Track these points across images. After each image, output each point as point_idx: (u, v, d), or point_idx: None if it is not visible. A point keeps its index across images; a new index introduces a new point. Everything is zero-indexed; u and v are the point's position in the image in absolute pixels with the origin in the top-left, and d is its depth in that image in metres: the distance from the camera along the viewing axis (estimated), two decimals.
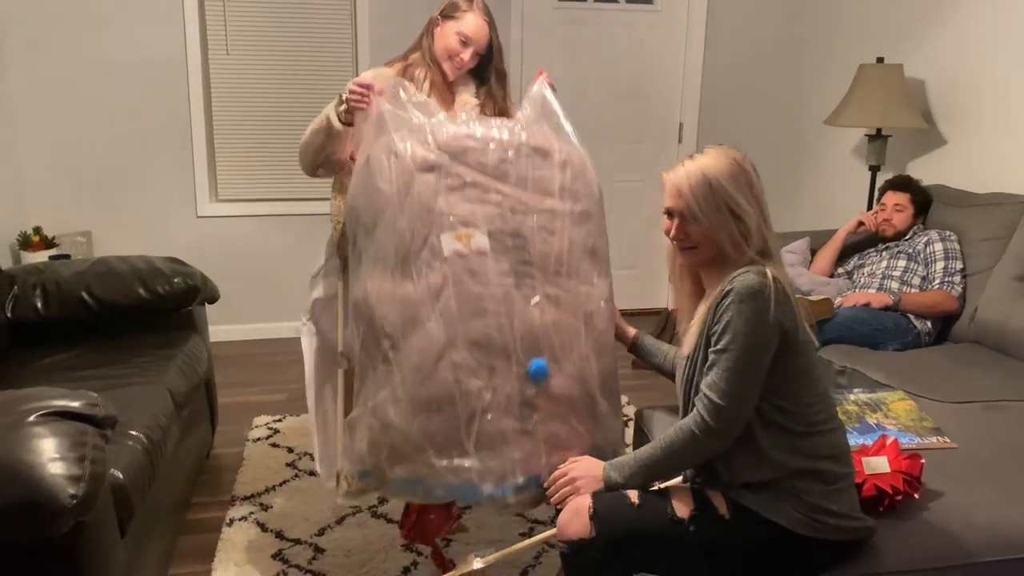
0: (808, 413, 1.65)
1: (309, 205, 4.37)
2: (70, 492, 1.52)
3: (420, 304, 1.84)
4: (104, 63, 3.97)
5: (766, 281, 1.60)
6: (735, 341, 1.60)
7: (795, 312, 1.64)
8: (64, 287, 2.82)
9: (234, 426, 3.32)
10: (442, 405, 1.81)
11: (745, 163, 1.78)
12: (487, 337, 1.85)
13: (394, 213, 1.90)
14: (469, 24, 2.40)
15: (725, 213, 1.69)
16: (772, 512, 1.62)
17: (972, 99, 3.54)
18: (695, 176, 1.71)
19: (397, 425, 1.81)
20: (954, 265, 3.14)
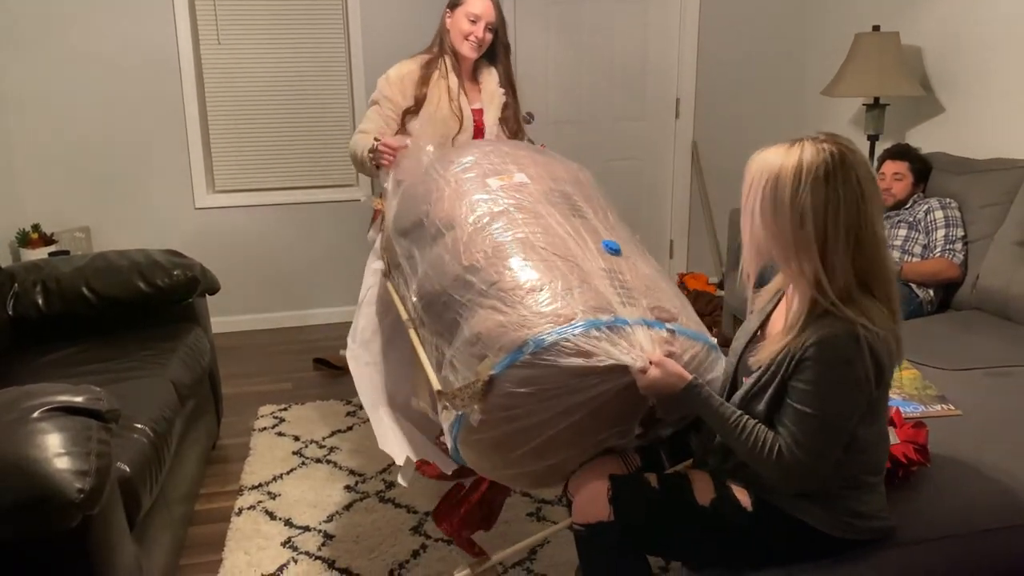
0: (872, 434, 1.57)
1: (306, 193, 4.37)
2: (77, 487, 1.53)
3: (488, 222, 1.86)
4: (96, 57, 3.95)
5: (859, 346, 1.42)
6: (824, 406, 1.46)
7: (886, 365, 1.47)
8: (64, 283, 2.82)
9: (239, 417, 3.32)
10: (542, 285, 1.69)
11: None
12: (552, 232, 1.84)
13: (441, 193, 2.01)
14: (476, 3, 2.67)
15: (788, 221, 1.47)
16: (799, 511, 1.58)
17: (969, 65, 3.51)
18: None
19: (504, 314, 1.67)
20: (955, 232, 3.12)
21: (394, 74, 2.75)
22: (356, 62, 4.22)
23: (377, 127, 2.73)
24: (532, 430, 1.65)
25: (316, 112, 4.29)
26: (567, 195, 2.05)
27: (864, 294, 1.48)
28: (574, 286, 1.69)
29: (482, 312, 1.69)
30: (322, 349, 4.05)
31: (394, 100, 2.74)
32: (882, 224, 1.50)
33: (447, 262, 1.84)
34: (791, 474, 1.52)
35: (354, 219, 4.42)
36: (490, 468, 1.78)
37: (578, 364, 1.56)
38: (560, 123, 4.56)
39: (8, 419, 1.60)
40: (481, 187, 2.00)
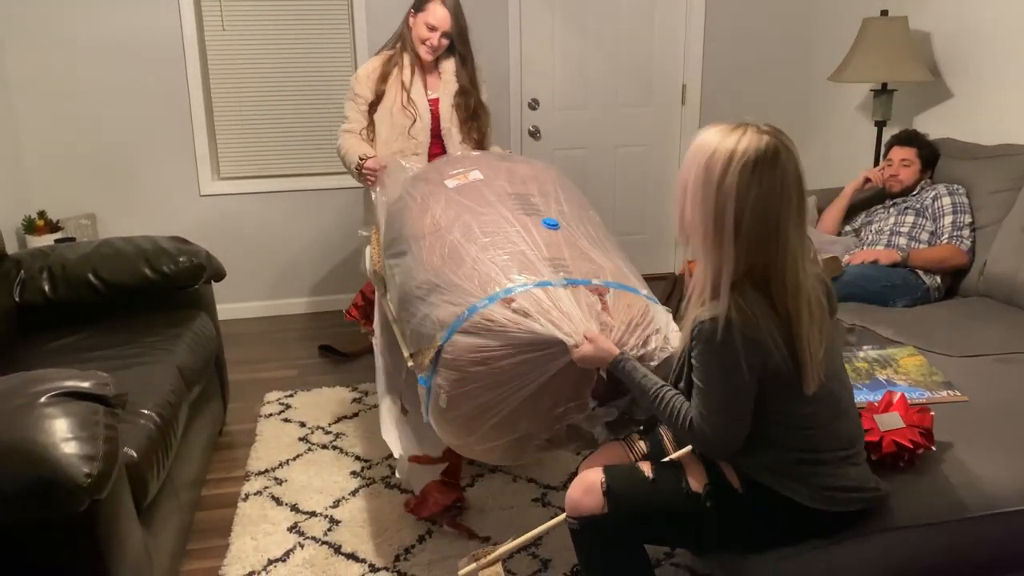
0: (805, 416, 1.58)
1: (311, 180, 4.36)
2: (85, 471, 1.53)
3: (445, 227, 2.17)
4: (101, 44, 3.94)
5: (729, 332, 1.47)
6: (710, 385, 1.54)
7: (768, 349, 1.49)
8: (70, 270, 2.83)
9: (246, 403, 3.34)
10: (487, 272, 2.00)
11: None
12: (500, 226, 2.12)
13: (410, 212, 2.33)
14: (435, 14, 2.96)
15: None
16: (783, 488, 1.60)
17: (979, 50, 3.49)
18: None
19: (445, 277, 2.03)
20: (963, 219, 3.11)
21: (362, 72, 3.08)
22: (360, 49, 4.21)
23: (357, 121, 3.09)
24: (492, 407, 1.85)
25: (321, 98, 4.28)
26: (521, 193, 2.28)
27: (757, 291, 1.50)
28: (512, 265, 1.98)
29: (442, 305, 1.97)
30: (328, 336, 4.06)
31: (363, 95, 3.07)
32: (798, 236, 1.50)
33: (414, 269, 2.14)
34: (704, 443, 1.61)
35: (359, 206, 4.42)
36: (465, 445, 1.97)
37: (515, 328, 1.81)
38: (566, 110, 4.55)
39: (16, 404, 1.61)
40: (441, 193, 2.30)
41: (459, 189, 2.30)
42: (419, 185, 2.41)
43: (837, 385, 1.64)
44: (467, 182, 2.32)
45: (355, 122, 3.09)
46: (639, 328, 1.89)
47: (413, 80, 3.04)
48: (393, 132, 3.05)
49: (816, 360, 1.52)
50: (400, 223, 2.33)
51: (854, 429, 1.67)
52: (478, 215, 2.16)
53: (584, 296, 1.90)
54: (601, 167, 4.63)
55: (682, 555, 2.28)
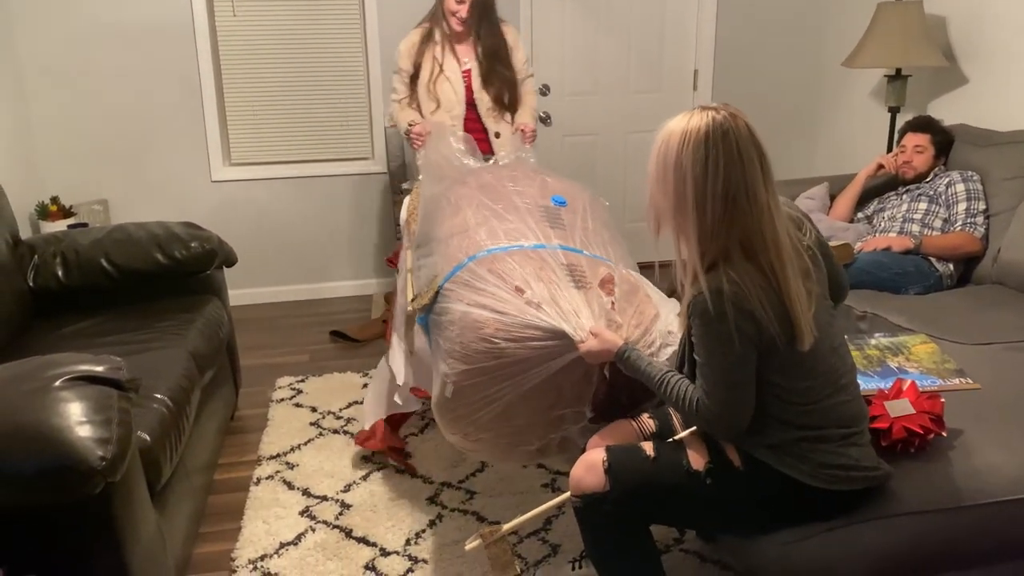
0: (803, 391, 1.60)
1: (323, 166, 4.37)
2: (99, 454, 1.55)
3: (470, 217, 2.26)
4: (113, 29, 3.94)
5: (722, 301, 1.50)
6: (711, 359, 1.56)
7: (760, 318, 1.51)
8: (83, 255, 2.85)
9: (257, 387, 3.36)
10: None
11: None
12: (523, 224, 2.19)
13: (443, 213, 2.37)
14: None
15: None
16: (783, 466, 1.61)
17: (995, 35, 3.45)
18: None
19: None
20: (976, 206, 3.09)
21: (403, 46, 3.30)
22: (371, 34, 4.20)
23: (401, 92, 3.32)
24: (495, 398, 1.88)
25: (332, 84, 4.27)
26: (551, 207, 2.32)
27: (746, 259, 1.53)
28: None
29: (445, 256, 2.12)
30: (338, 321, 4.07)
31: (405, 68, 3.30)
32: (767, 192, 1.54)
33: (437, 259, 2.19)
34: (711, 423, 1.61)
35: (371, 191, 4.42)
36: (461, 435, 2.00)
37: (524, 317, 1.85)
38: (577, 95, 4.53)
39: (30, 388, 1.63)
40: (474, 197, 2.33)
41: (493, 194, 2.34)
42: (455, 188, 2.46)
43: (837, 360, 1.65)
44: (502, 189, 2.37)
45: (400, 93, 3.33)
46: (649, 331, 1.93)
47: (445, 54, 3.25)
48: (430, 104, 3.27)
49: (807, 314, 1.54)
50: (431, 224, 2.37)
51: (856, 408, 1.68)
52: (504, 221, 2.21)
53: (596, 297, 1.94)
54: (612, 153, 4.62)
55: (691, 541, 2.29)
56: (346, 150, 4.40)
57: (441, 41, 3.26)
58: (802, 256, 1.59)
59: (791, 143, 4.75)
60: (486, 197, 2.32)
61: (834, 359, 1.64)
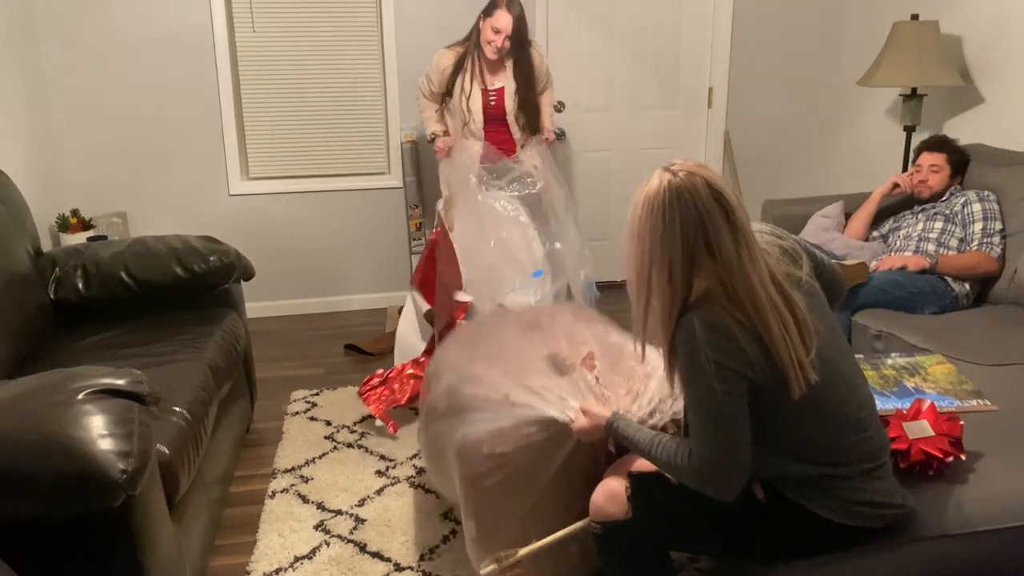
0: (820, 430, 1.57)
1: (339, 181, 4.40)
2: (120, 467, 1.57)
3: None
4: (133, 43, 4.00)
5: (694, 333, 1.49)
6: (698, 396, 1.52)
7: (743, 355, 1.48)
8: (104, 268, 2.88)
9: (273, 401, 3.38)
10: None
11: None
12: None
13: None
14: (500, 20, 3.47)
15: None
16: (809, 502, 1.58)
17: (1011, 54, 3.45)
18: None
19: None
20: (993, 225, 3.08)
21: (438, 65, 3.64)
22: (389, 50, 4.24)
23: (429, 95, 3.73)
24: (514, 511, 1.95)
25: (349, 99, 4.31)
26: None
27: (725, 300, 1.51)
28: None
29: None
30: (354, 335, 4.09)
31: (435, 82, 3.67)
32: (735, 243, 1.51)
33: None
34: (704, 475, 1.55)
35: (386, 206, 4.45)
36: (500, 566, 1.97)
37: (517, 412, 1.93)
38: (592, 112, 4.55)
39: (54, 400, 1.65)
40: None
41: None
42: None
43: (853, 394, 1.62)
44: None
45: (427, 95, 3.73)
46: (642, 394, 1.96)
47: (473, 84, 3.60)
48: (454, 123, 3.71)
49: (799, 364, 1.50)
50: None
51: (877, 441, 1.64)
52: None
53: (581, 377, 2.00)
54: (626, 169, 4.63)
55: (705, 560, 2.28)
56: (362, 165, 4.43)
57: (471, 68, 3.59)
58: (789, 298, 1.54)
59: (806, 161, 4.75)
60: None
61: (851, 392, 1.61)
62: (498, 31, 3.46)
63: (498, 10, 3.46)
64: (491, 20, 3.47)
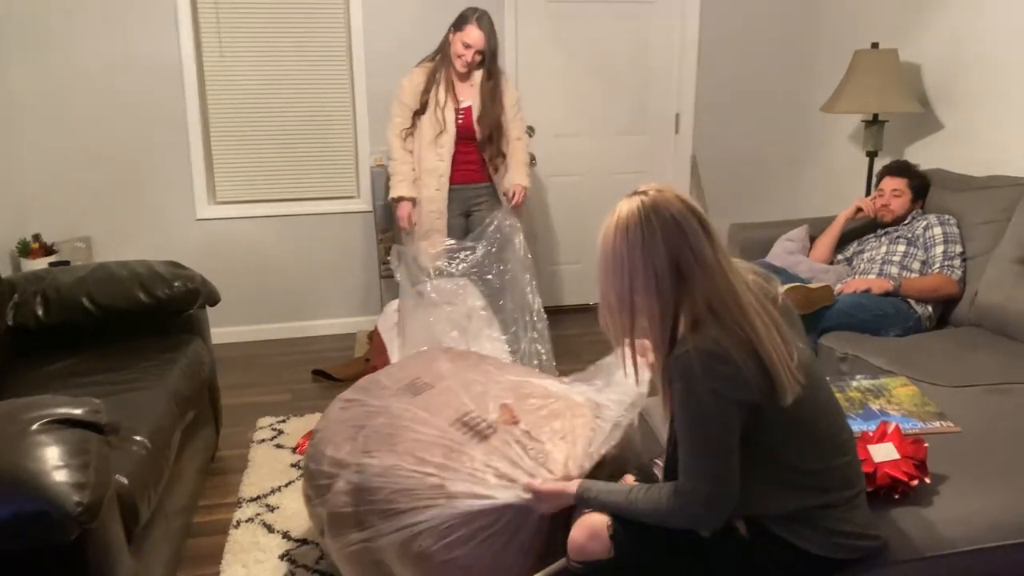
0: (810, 456, 1.56)
1: (308, 205, 4.38)
2: (75, 499, 1.53)
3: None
4: (100, 67, 3.96)
5: (690, 363, 1.47)
6: (692, 426, 1.50)
7: (745, 374, 1.47)
8: (65, 293, 2.82)
9: (238, 428, 3.32)
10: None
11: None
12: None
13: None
14: (470, 34, 3.47)
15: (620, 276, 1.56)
16: (790, 534, 1.57)
17: (968, 82, 3.54)
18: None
19: None
20: (953, 249, 3.13)
21: (408, 84, 3.60)
22: (358, 74, 4.24)
23: (401, 121, 3.61)
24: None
25: (318, 123, 4.30)
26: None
27: (714, 321, 1.50)
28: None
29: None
30: (322, 360, 4.05)
31: (409, 104, 3.60)
32: (714, 251, 1.53)
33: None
34: (694, 511, 1.53)
35: (356, 230, 4.43)
36: None
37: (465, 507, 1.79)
38: (562, 137, 4.58)
39: (8, 431, 1.60)
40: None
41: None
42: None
43: (837, 417, 1.63)
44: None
45: (399, 122, 3.61)
46: (591, 439, 1.89)
47: (447, 96, 3.57)
48: (424, 139, 3.60)
49: (789, 364, 1.51)
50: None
51: (856, 466, 1.65)
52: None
53: (506, 436, 1.90)
54: (597, 194, 4.66)
55: None
56: (332, 189, 4.42)
57: (445, 81, 3.56)
58: (769, 307, 1.56)
59: (772, 186, 4.81)
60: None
61: (833, 412, 1.62)
62: (468, 46, 3.46)
63: (468, 24, 3.46)
64: (461, 35, 3.47)
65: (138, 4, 3.94)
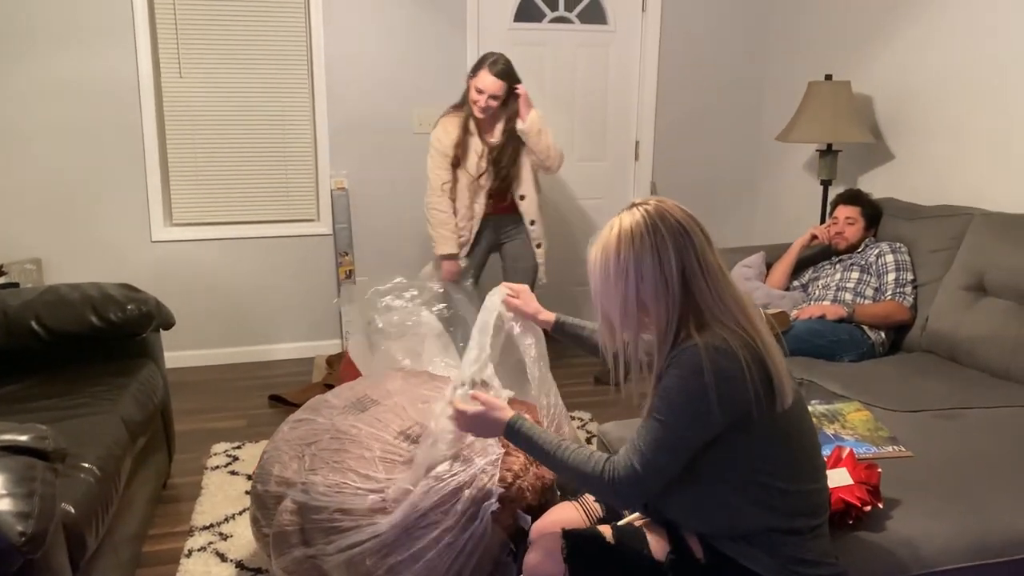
0: (787, 475, 1.56)
1: (265, 228, 4.34)
2: (19, 529, 1.48)
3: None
4: (55, 86, 3.90)
5: (699, 359, 1.47)
6: (671, 415, 1.50)
7: (746, 379, 1.48)
8: (12, 317, 2.75)
9: (192, 454, 3.25)
10: None
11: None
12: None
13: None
14: (482, 79, 3.52)
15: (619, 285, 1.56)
16: (748, 559, 1.56)
17: (918, 113, 3.64)
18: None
19: None
20: (905, 276, 3.21)
21: (443, 135, 3.64)
22: (319, 95, 4.23)
23: (442, 177, 3.66)
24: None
25: (278, 145, 4.28)
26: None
27: (721, 324, 1.52)
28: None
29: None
30: (279, 385, 3.99)
31: (446, 154, 3.64)
32: (714, 255, 1.56)
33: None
34: (621, 489, 1.53)
35: (315, 253, 4.40)
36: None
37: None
38: None
39: None
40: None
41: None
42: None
43: (812, 444, 1.62)
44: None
45: (441, 175, 3.65)
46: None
47: (481, 143, 3.64)
48: (463, 185, 3.69)
49: (787, 371, 1.54)
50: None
51: (825, 495, 1.65)
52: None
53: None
54: (559, 219, 4.69)
55: None
56: (291, 211, 4.39)
57: (475, 130, 3.64)
58: (762, 315, 1.60)
59: (729, 212, 4.89)
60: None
61: (813, 436, 1.63)
62: (481, 91, 3.51)
63: (481, 70, 3.51)
64: (475, 80, 3.52)
65: (95, 21, 3.90)
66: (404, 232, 4.45)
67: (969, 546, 1.79)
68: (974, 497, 1.94)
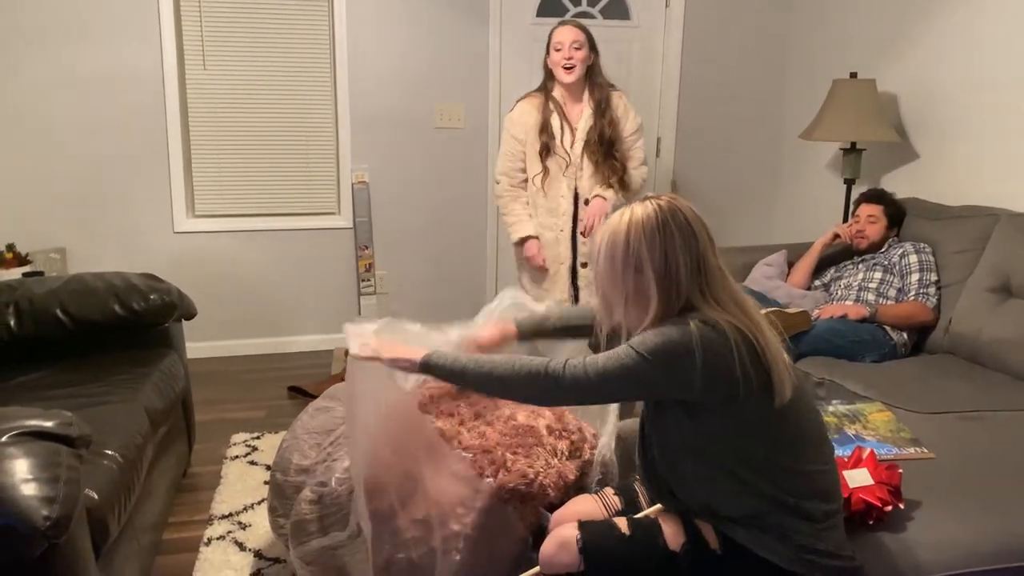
0: (790, 453, 1.58)
1: (286, 220, 4.36)
2: (44, 514, 1.50)
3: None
4: (80, 78, 3.93)
5: (688, 331, 1.52)
6: (651, 354, 1.53)
7: (735, 366, 1.51)
8: (38, 305, 2.78)
9: (211, 444, 3.28)
10: None
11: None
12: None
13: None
14: (559, 34, 3.25)
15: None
16: (762, 548, 1.57)
17: (943, 113, 3.60)
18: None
19: None
20: (929, 277, 3.17)
21: (517, 115, 3.38)
22: (342, 90, 4.24)
23: (512, 158, 3.38)
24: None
25: (300, 139, 4.30)
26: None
27: (719, 311, 1.56)
28: None
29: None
30: (298, 377, 4.02)
31: (518, 137, 3.37)
32: (715, 257, 1.60)
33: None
34: (559, 379, 1.58)
35: (335, 247, 4.42)
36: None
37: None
38: None
39: None
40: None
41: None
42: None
43: (816, 432, 1.65)
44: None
45: (510, 159, 3.38)
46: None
47: (563, 125, 3.33)
48: (546, 176, 3.35)
49: (785, 361, 1.57)
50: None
51: (833, 478, 1.67)
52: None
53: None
54: None
55: None
56: (312, 204, 4.40)
57: (556, 111, 3.33)
58: (760, 311, 1.63)
59: (751, 210, 4.85)
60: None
61: (818, 426, 1.66)
62: (561, 46, 3.23)
63: (555, 31, 3.28)
64: (552, 44, 3.28)
65: (120, 14, 3.93)
66: (424, 227, 4.46)
67: (991, 550, 1.77)
68: (997, 500, 1.92)
